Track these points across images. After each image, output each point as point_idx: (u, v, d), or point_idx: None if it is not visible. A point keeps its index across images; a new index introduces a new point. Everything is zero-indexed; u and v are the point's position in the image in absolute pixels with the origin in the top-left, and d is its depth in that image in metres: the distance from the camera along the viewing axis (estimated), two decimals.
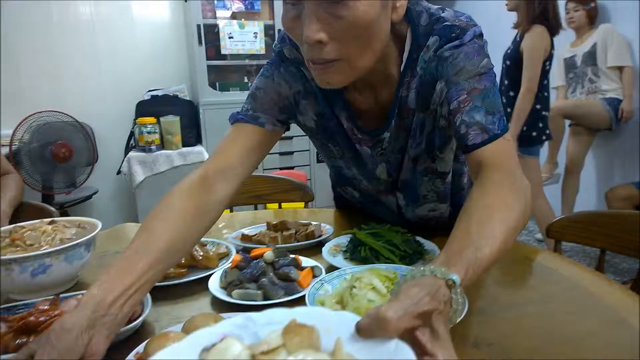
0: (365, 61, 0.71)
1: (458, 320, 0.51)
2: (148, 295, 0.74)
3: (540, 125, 2.70)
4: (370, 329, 0.41)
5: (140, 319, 0.68)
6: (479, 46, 0.77)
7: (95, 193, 3.33)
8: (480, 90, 0.76)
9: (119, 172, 3.37)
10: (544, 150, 3.29)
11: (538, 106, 2.63)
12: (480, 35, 0.78)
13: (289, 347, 0.40)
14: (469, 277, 0.53)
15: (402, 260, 0.86)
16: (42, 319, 0.65)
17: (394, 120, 0.87)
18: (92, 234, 0.85)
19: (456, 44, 0.77)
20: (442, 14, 0.79)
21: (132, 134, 3.41)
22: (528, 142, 2.65)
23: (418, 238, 0.95)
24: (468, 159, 0.76)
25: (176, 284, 0.85)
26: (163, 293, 0.82)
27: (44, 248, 0.80)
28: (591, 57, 2.92)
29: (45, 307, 0.69)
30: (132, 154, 3.19)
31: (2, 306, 0.74)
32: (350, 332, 0.41)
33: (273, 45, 0.93)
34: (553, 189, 3.27)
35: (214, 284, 0.82)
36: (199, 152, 3.29)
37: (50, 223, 0.90)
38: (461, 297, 0.50)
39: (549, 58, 2.60)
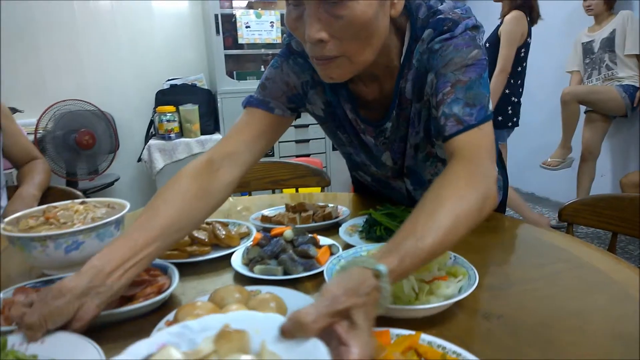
0: (365, 56, 0.75)
1: (387, 306, 0.54)
2: (175, 270, 0.79)
3: (510, 111, 2.75)
4: (291, 331, 0.45)
5: (169, 291, 0.73)
6: (469, 38, 0.78)
7: (116, 180, 3.42)
8: (464, 82, 0.77)
9: (139, 160, 3.45)
10: (553, 134, 3.28)
11: (507, 91, 2.68)
12: (474, 27, 0.80)
13: (221, 352, 0.44)
14: (405, 266, 0.56)
15: None
16: None
17: (395, 110, 0.90)
18: (122, 213, 0.90)
19: (446, 36, 0.79)
20: (440, 7, 0.81)
21: (152, 122, 3.48)
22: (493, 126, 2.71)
23: None
24: (444, 149, 0.78)
25: (200, 261, 0.90)
26: (189, 269, 0.87)
27: (76, 226, 0.85)
28: (609, 43, 2.88)
29: None
30: (152, 141, 3.26)
31: (39, 279, 0.80)
32: (276, 333, 0.46)
33: (282, 38, 0.95)
34: (569, 174, 3.26)
35: (237, 261, 0.86)
36: (217, 140, 3.32)
37: (82, 203, 0.95)
38: (389, 285, 0.53)
39: (525, 45, 2.67)
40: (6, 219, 0.89)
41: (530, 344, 0.60)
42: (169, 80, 3.54)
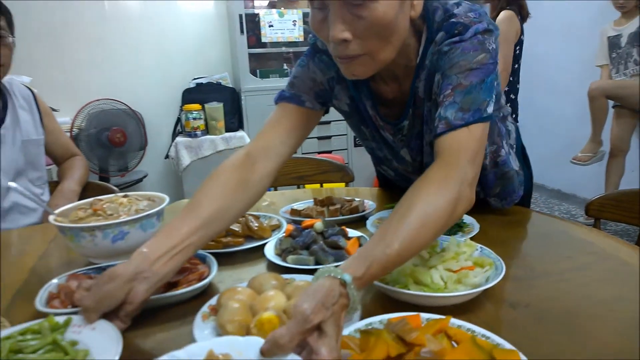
0: (386, 55, 0.78)
1: (357, 311, 0.59)
2: (214, 259, 0.84)
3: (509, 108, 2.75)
4: (270, 351, 0.50)
5: (209, 278, 0.78)
6: (478, 42, 0.81)
7: (145, 176, 3.51)
8: (465, 86, 0.79)
9: (166, 157, 3.54)
10: (580, 129, 3.23)
11: (506, 88, 2.70)
12: (485, 30, 0.82)
13: None
14: (373, 272, 0.60)
15: None
16: None
17: (411, 109, 0.94)
18: (162, 206, 0.95)
19: (456, 39, 0.81)
20: (455, 10, 0.84)
21: (178, 120, 3.56)
22: None
23: None
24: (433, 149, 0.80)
25: (235, 251, 0.95)
26: (225, 259, 0.91)
27: (122, 217, 0.91)
28: (637, 38, 2.83)
29: None
30: (178, 139, 3.34)
31: (89, 267, 0.85)
32: (257, 353, 0.50)
33: (308, 38, 1.00)
34: (596, 169, 3.22)
35: (270, 251, 0.91)
36: (241, 136, 3.41)
37: (125, 196, 1.01)
38: (356, 292, 0.57)
39: (519, 43, 2.69)
40: (57, 211, 0.95)
41: (556, 331, 0.62)
42: (194, 79, 3.62)
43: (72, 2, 3.38)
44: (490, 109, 0.80)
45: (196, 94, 3.49)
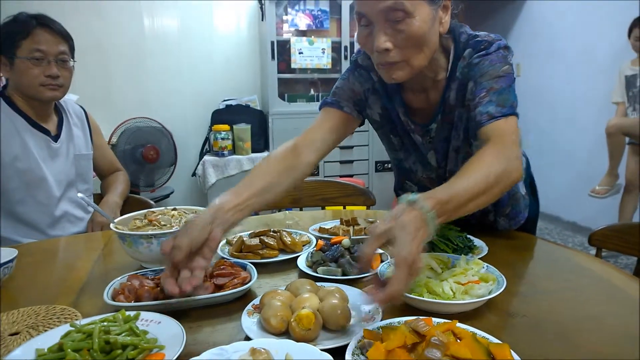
0: (420, 61, 0.97)
1: (435, 219, 0.73)
2: (253, 267, 0.96)
3: None
4: (361, 261, 0.71)
5: (250, 283, 0.90)
6: (502, 55, 1.01)
7: (171, 193, 3.67)
8: (497, 89, 0.97)
9: (193, 174, 3.71)
10: (598, 163, 3.30)
11: None
12: (505, 47, 1.02)
13: None
14: (441, 196, 0.75)
15: (455, 252, 1.03)
16: None
17: (439, 115, 1.11)
18: None
19: (483, 53, 1.01)
20: (477, 33, 1.05)
21: (207, 139, 3.74)
22: None
23: (469, 236, 1.12)
24: (479, 138, 0.97)
25: (270, 262, 1.08)
26: (262, 269, 1.03)
27: (174, 227, 1.04)
28: None
29: None
30: (206, 158, 3.52)
31: (144, 270, 0.99)
32: (288, 352, 0.62)
33: (351, 57, 1.22)
34: (612, 203, 3.27)
35: (302, 263, 1.03)
36: None
37: (174, 209, 1.15)
38: (427, 204, 0.72)
39: None
40: (116, 220, 1.09)
41: (549, 337, 0.73)
42: (224, 100, 3.80)
43: (113, 23, 3.62)
44: (517, 109, 0.97)
45: (225, 115, 3.67)
